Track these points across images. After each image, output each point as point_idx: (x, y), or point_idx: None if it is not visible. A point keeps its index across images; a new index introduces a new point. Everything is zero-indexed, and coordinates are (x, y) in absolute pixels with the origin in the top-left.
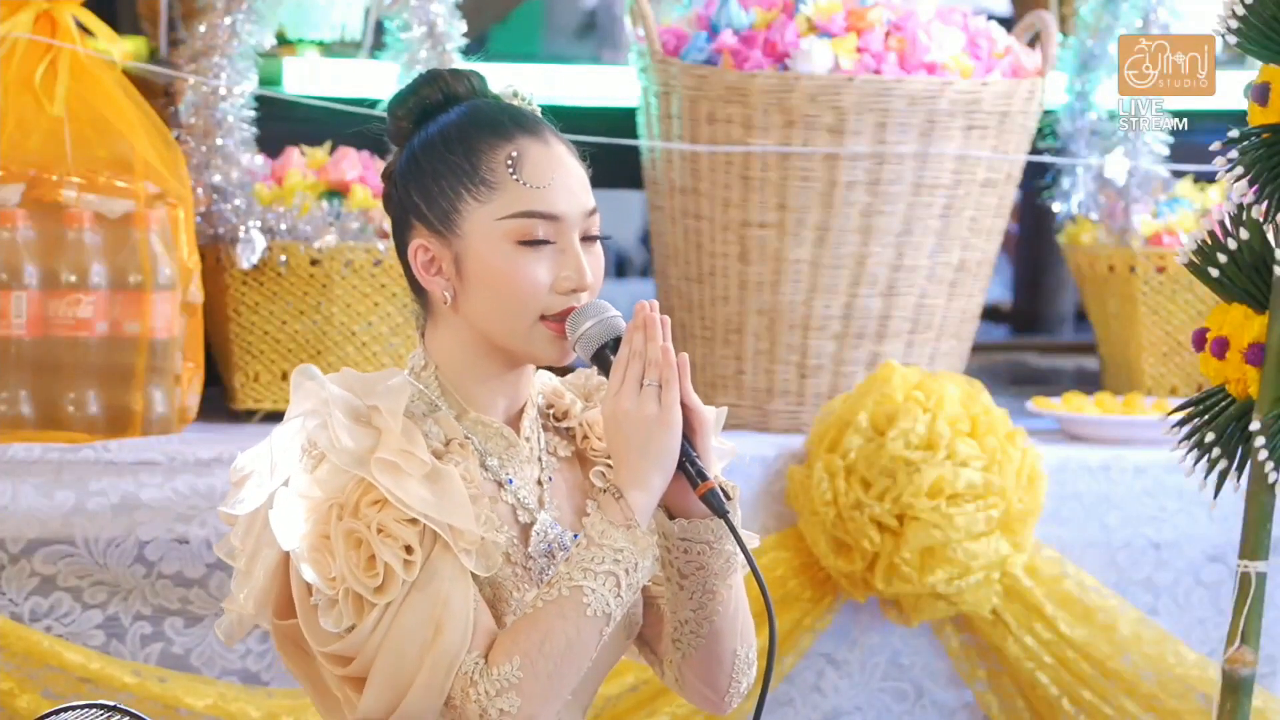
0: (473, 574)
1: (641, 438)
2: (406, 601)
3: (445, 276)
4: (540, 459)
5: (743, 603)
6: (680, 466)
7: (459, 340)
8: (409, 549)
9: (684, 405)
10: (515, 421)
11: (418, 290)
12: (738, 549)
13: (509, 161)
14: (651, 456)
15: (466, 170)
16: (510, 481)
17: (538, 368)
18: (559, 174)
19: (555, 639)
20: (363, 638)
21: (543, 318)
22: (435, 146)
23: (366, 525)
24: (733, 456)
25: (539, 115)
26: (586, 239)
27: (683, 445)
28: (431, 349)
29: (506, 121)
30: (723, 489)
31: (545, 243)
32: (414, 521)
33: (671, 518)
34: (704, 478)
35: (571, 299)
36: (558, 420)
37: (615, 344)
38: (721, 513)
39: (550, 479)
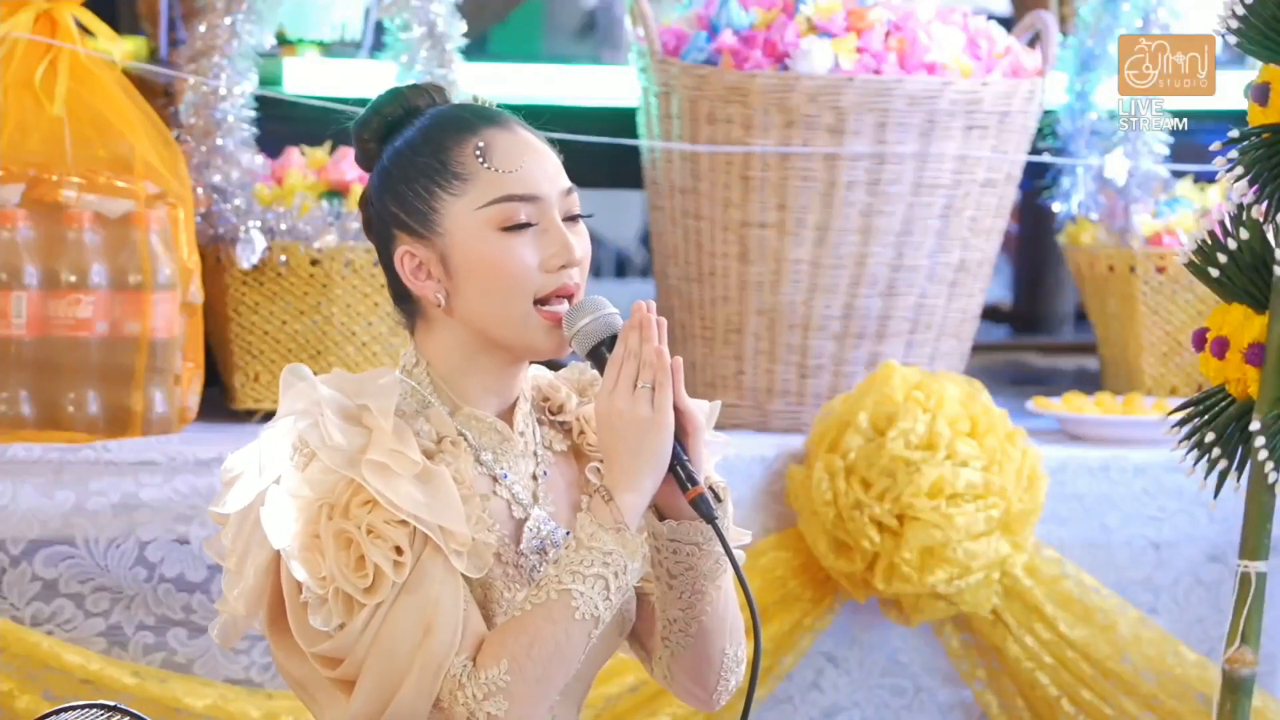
0: (464, 575)
1: (634, 440)
2: (397, 603)
3: (435, 279)
4: (535, 453)
5: (732, 602)
6: (671, 469)
7: (454, 341)
8: (399, 550)
9: (677, 408)
10: (508, 416)
11: (400, 299)
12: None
13: (477, 151)
14: (643, 459)
15: (436, 168)
16: (505, 476)
17: (535, 362)
18: (529, 157)
19: (543, 642)
20: (353, 638)
21: (537, 303)
22: (402, 155)
23: (357, 526)
24: (726, 450)
25: (503, 110)
26: (569, 219)
27: (674, 448)
28: (424, 349)
29: (469, 116)
30: (714, 490)
31: (528, 225)
32: (404, 523)
33: (661, 518)
34: (694, 482)
35: (562, 275)
36: (553, 414)
37: (611, 341)
38: (710, 518)
39: (545, 473)
